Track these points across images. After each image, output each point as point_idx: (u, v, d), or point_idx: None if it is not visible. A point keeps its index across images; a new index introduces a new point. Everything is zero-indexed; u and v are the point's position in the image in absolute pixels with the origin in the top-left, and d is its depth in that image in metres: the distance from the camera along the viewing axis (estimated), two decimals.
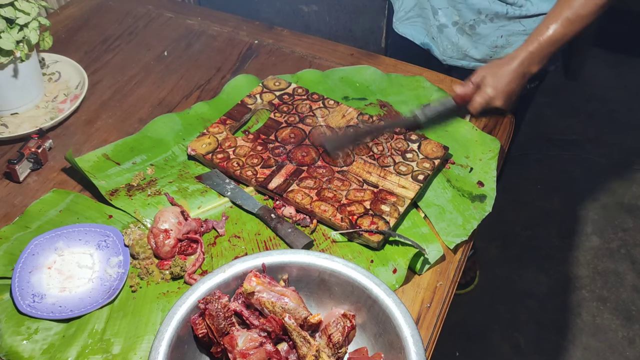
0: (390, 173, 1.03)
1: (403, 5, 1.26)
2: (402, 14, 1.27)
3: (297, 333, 0.75)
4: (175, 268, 0.89)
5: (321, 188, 1.00)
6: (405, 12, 1.26)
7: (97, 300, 0.86)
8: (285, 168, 1.03)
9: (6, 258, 0.90)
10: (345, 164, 1.04)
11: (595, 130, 2.46)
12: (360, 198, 0.98)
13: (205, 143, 1.08)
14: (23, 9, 1.08)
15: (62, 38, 1.38)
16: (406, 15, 1.26)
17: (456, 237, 0.95)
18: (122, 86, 1.26)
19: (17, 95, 1.16)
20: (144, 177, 1.04)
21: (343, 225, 0.94)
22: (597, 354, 1.77)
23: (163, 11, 1.48)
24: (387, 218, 0.95)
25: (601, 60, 2.67)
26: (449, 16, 1.22)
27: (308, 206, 0.97)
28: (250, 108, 1.16)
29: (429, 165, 1.04)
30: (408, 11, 1.26)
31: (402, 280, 0.89)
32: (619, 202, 2.20)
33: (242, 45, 1.38)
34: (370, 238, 0.92)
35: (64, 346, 0.81)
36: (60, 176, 1.06)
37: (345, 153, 1.05)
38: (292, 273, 0.82)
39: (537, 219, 2.08)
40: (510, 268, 1.89)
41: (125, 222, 0.98)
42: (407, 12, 1.26)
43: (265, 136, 1.10)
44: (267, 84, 1.21)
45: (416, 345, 0.72)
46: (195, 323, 0.76)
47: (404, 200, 0.98)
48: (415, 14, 1.26)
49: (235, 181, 1.04)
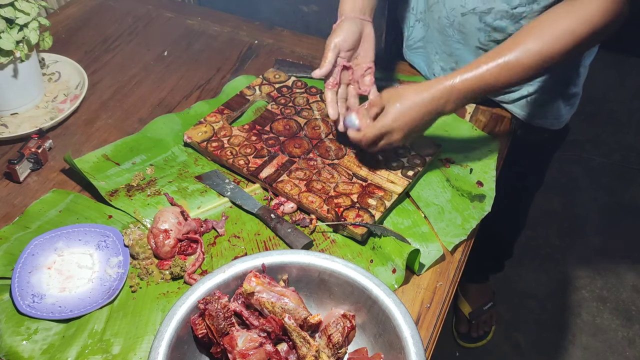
0: (380, 167, 1.03)
1: (412, 34, 1.24)
2: (412, 42, 1.25)
3: (296, 333, 0.75)
4: (175, 268, 0.89)
5: (311, 179, 1.01)
6: (415, 41, 1.24)
7: (97, 301, 0.86)
8: (277, 159, 1.05)
9: (6, 258, 0.90)
10: (337, 157, 1.05)
11: (595, 130, 2.46)
12: (349, 191, 0.99)
13: (201, 131, 1.09)
14: (23, 9, 1.08)
15: (62, 38, 1.38)
16: (415, 44, 1.25)
17: (455, 237, 0.95)
18: (122, 86, 1.26)
19: (17, 95, 1.16)
20: (143, 177, 1.04)
21: (329, 217, 0.95)
22: (597, 354, 1.77)
23: (163, 11, 1.48)
24: (373, 212, 0.95)
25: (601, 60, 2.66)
26: (445, 61, 1.19)
27: (296, 197, 0.98)
28: (249, 99, 1.17)
29: (420, 161, 1.04)
30: (417, 40, 1.24)
31: (401, 280, 0.89)
32: (619, 202, 2.20)
33: (242, 45, 1.38)
34: (355, 230, 0.93)
35: (64, 346, 0.81)
36: (60, 176, 1.06)
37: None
38: (291, 273, 0.82)
39: (537, 219, 2.08)
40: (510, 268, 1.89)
41: (125, 222, 0.98)
42: (415, 41, 1.24)
43: (261, 127, 1.10)
44: (267, 76, 1.22)
45: (416, 345, 0.72)
46: (195, 323, 0.76)
47: (391, 195, 0.99)
48: (422, 46, 1.25)
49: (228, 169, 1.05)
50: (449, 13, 1.09)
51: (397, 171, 1.03)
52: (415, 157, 1.05)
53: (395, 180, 1.01)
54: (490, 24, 1.04)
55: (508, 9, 1.01)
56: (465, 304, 1.76)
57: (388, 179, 1.01)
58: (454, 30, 1.10)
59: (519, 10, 1.00)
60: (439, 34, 1.14)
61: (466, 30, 1.08)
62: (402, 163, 1.04)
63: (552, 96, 1.14)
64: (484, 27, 1.05)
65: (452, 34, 1.11)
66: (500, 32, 1.04)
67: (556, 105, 1.16)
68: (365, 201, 0.98)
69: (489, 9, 1.03)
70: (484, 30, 1.06)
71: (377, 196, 0.98)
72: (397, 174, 1.02)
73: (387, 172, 1.03)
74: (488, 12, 1.03)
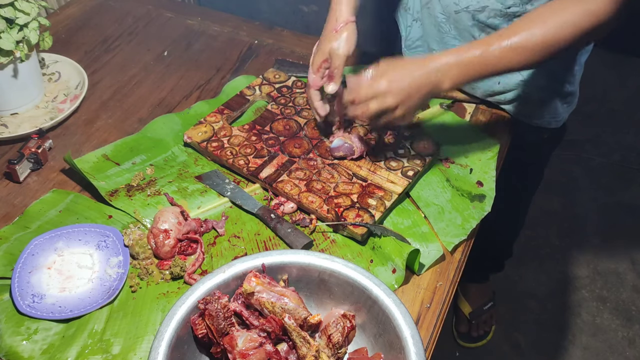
0: (380, 168, 1.03)
1: (410, 34, 1.24)
2: (410, 42, 1.25)
3: (296, 333, 0.75)
4: (175, 268, 0.89)
5: (310, 179, 1.01)
6: (413, 40, 1.24)
7: (97, 301, 0.86)
8: (277, 159, 1.05)
9: (6, 258, 0.90)
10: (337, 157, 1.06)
11: (595, 130, 2.46)
12: (349, 191, 0.99)
13: (201, 131, 1.09)
14: (23, 9, 1.08)
15: (62, 38, 1.38)
16: (413, 44, 1.25)
17: (455, 237, 0.95)
18: (122, 86, 1.26)
19: (17, 95, 1.16)
20: (143, 177, 1.04)
21: (329, 217, 0.95)
22: (597, 354, 1.77)
23: (163, 11, 1.48)
24: (373, 212, 0.95)
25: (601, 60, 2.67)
26: None
27: (296, 197, 0.98)
28: (249, 99, 1.17)
29: (420, 161, 1.04)
30: (415, 40, 1.24)
31: (401, 280, 0.89)
32: (619, 202, 2.20)
33: (242, 46, 1.38)
34: (355, 230, 0.93)
35: (64, 346, 0.81)
36: (60, 176, 1.06)
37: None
38: (291, 273, 0.81)
39: (537, 219, 2.08)
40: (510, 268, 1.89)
41: (125, 222, 0.98)
42: (414, 40, 1.24)
43: (261, 127, 1.11)
44: (267, 76, 1.22)
45: (416, 345, 0.72)
46: (195, 323, 0.76)
47: (391, 195, 0.99)
48: (420, 45, 1.25)
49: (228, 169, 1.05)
50: (444, 9, 1.09)
51: (397, 171, 1.03)
52: (415, 157, 1.05)
53: (395, 180, 1.01)
54: (483, 21, 1.04)
55: (502, 8, 1.01)
56: (465, 304, 1.76)
57: (388, 179, 1.01)
58: (449, 26, 1.11)
59: (512, 10, 1.01)
60: (437, 30, 1.15)
61: (460, 27, 1.09)
62: (402, 163, 1.04)
63: (548, 95, 1.14)
64: (477, 24, 1.06)
65: (448, 29, 1.12)
66: (493, 29, 1.05)
67: (553, 104, 1.16)
68: (365, 201, 0.98)
69: (482, 7, 1.03)
70: (478, 26, 1.07)
71: (377, 196, 0.98)
72: (397, 174, 1.02)
73: (387, 172, 1.03)
74: (481, 10, 1.03)
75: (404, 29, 1.26)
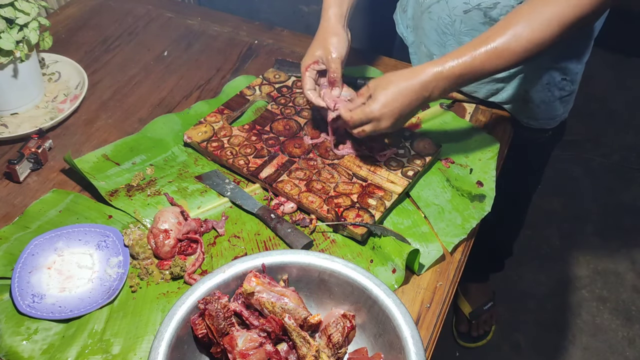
0: (380, 167, 1.03)
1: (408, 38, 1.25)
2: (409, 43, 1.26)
3: (296, 333, 0.75)
4: (175, 268, 0.89)
5: (310, 179, 1.01)
6: (409, 44, 1.25)
7: (97, 301, 0.86)
8: (277, 159, 1.05)
9: (6, 258, 0.90)
10: (337, 157, 1.05)
11: (595, 130, 2.46)
12: (349, 191, 0.99)
13: (201, 131, 1.09)
14: (23, 9, 1.08)
15: (62, 38, 1.38)
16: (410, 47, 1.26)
17: (455, 237, 0.95)
18: (122, 86, 1.26)
19: (17, 95, 1.16)
20: (143, 177, 1.04)
21: (329, 217, 0.95)
22: (597, 354, 1.77)
23: (163, 11, 1.48)
24: (373, 212, 0.95)
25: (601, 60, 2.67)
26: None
27: (296, 197, 0.98)
28: (249, 99, 1.17)
29: (420, 162, 1.04)
30: (410, 44, 1.25)
31: (401, 281, 0.89)
32: (619, 202, 2.20)
33: (242, 46, 1.38)
34: (355, 230, 0.93)
35: (64, 346, 0.81)
36: (60, 176, 1.06)
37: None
38: (292, 273, 0.82)
39: (537, 219, 2.08)
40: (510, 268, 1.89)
41: (125, 223, 0.98)
42: (409, 45, 1.25)
43: (261, 127, 1.11)
44: (267, 76, 1.22)
45: (416, 345, 0.72)
46: (195, 323, 0.76)
47: (391, 195, 0.99)
48: (414, 50, 1.25)
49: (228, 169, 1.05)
50: (451, 12, 1.09)
51: (397, 171, 1.03)
52: (415, 157, 1.05)
53: (395, 180, 1.01)
54: (495, 18, 1.04)
55: (514, 3, 1.01)
56: (465, 304, 1.76)
57: (388, 179, 1.01)
58: (454, 28, 1.11)
59: None
60: (437, 35, 1.14)
61: (470, 26, 1.08)
62: (402, 163, 1.04)
63: (549, 95, 1.14)
64: (489, 22, 1.05)
65: (452, 32, 1.11)
66: None
67: (553, 104, 1.16)
68: (365, 201, 0.98)
69: (494, 3, 1.03)
70: (489, 24, 1.06)
71: (377, 196, 0.98)
72: (397, 174, 1.02)
73: (387, 172, 1.03)
74: (494, 6, 1.03)
75: (404, 30, 1.27)
